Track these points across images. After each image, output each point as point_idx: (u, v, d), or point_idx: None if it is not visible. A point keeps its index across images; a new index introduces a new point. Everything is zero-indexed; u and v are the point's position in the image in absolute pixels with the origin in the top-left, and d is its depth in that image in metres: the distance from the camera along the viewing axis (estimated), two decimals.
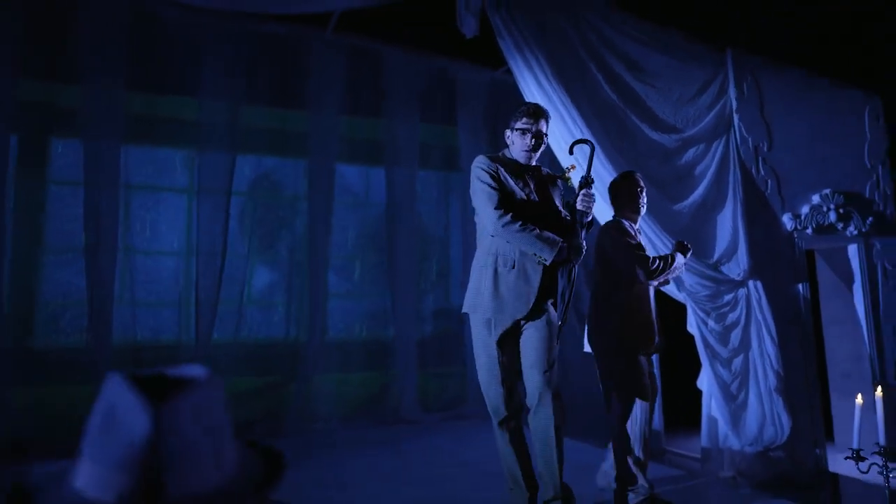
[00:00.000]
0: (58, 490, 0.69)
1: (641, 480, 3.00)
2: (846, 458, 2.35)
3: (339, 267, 5.32)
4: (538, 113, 2.74)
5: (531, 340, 2.59)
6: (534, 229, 2.55)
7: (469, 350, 4.02)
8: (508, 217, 2.55)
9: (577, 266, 2.65)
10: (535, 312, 2.60)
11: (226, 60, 4.62)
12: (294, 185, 5.20)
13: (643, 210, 3.29)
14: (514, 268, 2.59)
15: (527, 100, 3.93)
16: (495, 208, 2.59)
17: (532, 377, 2.58)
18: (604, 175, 3.68)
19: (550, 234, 2.57)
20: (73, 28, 4.25)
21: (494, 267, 2.62)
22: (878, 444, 2.31)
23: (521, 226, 2.54)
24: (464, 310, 2.74)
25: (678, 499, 3.24)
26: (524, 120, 2.73)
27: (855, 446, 2.25)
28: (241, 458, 0.77)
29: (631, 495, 2.94)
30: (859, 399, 2.30)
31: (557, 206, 2.77)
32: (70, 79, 4.30)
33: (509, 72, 4.97)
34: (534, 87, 3.73)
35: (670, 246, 3.91)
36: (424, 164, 5.46)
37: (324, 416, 4.86)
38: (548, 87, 3.68)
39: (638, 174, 3.33)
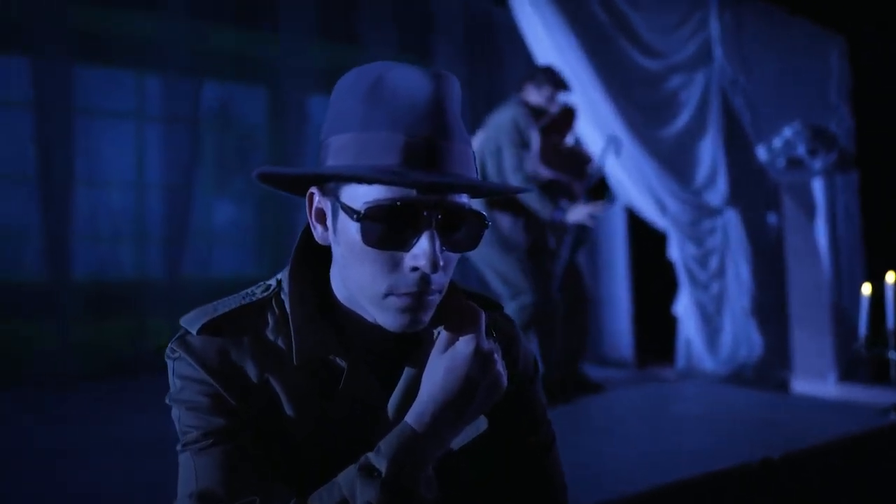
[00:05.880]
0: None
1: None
2: (859, 346, 2.41)
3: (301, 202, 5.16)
4: None
5: None
6: None
7: None
8: None
9: None
10: None
11: None
12: (257, 114, 5.00)
13: None
14: None
15: (515, 15, 3.77)
16: None
17: None
18: (597, 101, 3.66)
19: None
20: None
21: None
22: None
23: None
24: None
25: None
26: None
27: (862, 335, 2.34)
28: None
29: None
30: (867, 289, 2.38)
31: None
32: None
33: None
34: (528, 5, 3.62)
35: (656, 169, 3.96)
36: None
37: None
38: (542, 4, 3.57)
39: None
